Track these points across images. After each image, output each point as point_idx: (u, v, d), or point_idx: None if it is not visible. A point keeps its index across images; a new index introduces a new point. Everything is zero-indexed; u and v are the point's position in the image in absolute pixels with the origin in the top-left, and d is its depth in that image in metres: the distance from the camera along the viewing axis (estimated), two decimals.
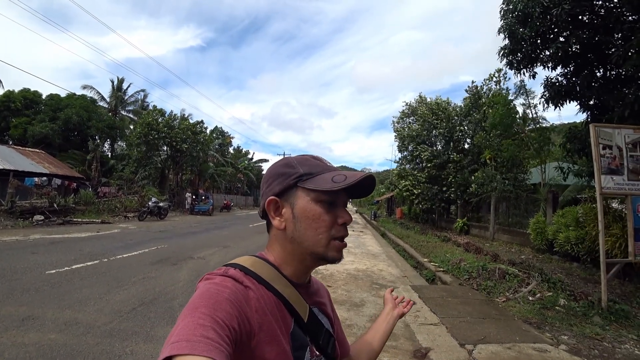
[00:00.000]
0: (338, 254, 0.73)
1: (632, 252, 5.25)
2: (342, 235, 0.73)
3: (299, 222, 0.72)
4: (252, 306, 0.63)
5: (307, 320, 0.73)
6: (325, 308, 0.84)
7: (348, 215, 0.73)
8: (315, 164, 0.76)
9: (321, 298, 0.85)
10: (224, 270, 0.69)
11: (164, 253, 8.59)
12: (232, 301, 0.59)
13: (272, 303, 0.67)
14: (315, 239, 0.71)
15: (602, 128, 5.47)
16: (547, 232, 8.83)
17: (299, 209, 0.72)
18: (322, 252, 0.72)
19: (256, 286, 0.67)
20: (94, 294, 5.05)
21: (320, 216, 0.71)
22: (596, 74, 8.68)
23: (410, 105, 20.11)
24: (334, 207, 0.73)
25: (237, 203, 37.63)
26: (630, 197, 5.30)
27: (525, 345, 3.70)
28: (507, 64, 9.29)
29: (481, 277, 6.69)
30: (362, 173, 0.72)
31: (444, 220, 19.14)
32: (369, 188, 0.77)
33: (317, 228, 0.71)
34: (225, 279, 0.65)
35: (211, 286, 0.62)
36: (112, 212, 17.84)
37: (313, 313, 0.76)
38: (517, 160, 12.51)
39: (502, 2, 8.63)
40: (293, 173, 0.74)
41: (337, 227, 0.72)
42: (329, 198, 0.72)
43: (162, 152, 26.07)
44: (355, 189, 0.73)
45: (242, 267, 0.71)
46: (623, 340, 4.29)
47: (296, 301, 0.72)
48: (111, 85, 32.10)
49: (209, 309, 0.55)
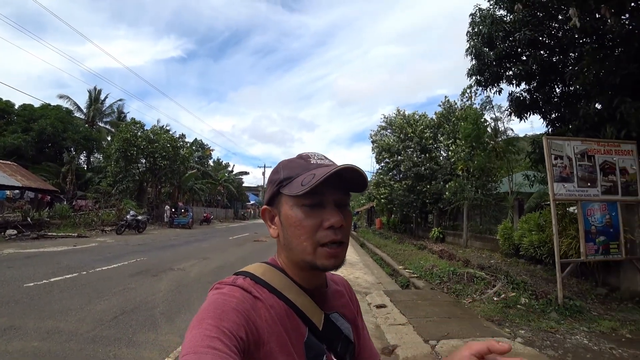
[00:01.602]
0: (328, 261, 0.66)
1: (583, 252, 5.75)
2: (331, 240, 0.66)
3: (285, 229, 0.70)
4: (262, 316, 0.62)
5: (322, 327, 0.70)
6: (346, 311, 0.79)
7: (336, 216, 0.66)
8: (297, 165, 0.70)
9: (340, 301, 0.80)
10: (233, 279, 0.68)
11: (144, 265, 8.62)
12: (239, 311, 0.59)
13: (283, 312, 0.65)
14: (300, 247, 0.67)
15: (553, 140, 6.02)
16: (514, 237, 9.39)
17: (283, 216, 0.70)
18: (310, 260, 0.67)
19: (266, 295, 0.66)
20: (75, 305, 5.12)
21: (300, 222, 0.66)
22: (555, 90, 9.42)
23: (388, 117, 20.91)
24: (320, 209, 0.67)
25: (217, 216, 37.32)
26: (580, 203, 5.84)
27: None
28: (476, 83, 9.94)
29: (451, 281, 7.09)
30: (331, 168, 0.64)
31: (421, 230, 19.74)
32: (358, 180, 0.69)
33: (300, 235, 0.67)
34: (234, 289, 0.64)
35: (218, 296, 0.62)
36: (88, 226, 17.51)
37: (330, 319, 0.73)
38: (487, 170, 13.22)
39: (469, 26, 9.27)
40: (277, 179, 0.71)
41: (322, 231, 0.66)
42: (311, 201, 0.66)
43: (140, 165, 25.77)
44: (345, 183, 0.68)
45: (253, 275, 0.70)
46: (575, 332, 4.72)
47: (309, 309, 0.69)
48: (88, 95, 31.61)
49: (215, 320, 0.56)
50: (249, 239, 17.65)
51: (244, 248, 13.59)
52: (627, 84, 6.81)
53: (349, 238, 0.71)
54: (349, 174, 0.67)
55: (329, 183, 0.64)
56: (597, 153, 6.01)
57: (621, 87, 6.91)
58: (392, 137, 19.39)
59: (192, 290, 6.44)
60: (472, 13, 9.33)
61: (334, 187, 0.67)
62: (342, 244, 0.68)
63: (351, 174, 0.67)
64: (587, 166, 5.93)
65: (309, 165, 0.69)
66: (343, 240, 0.68)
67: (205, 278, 7.50)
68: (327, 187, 0.65)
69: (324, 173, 0.63)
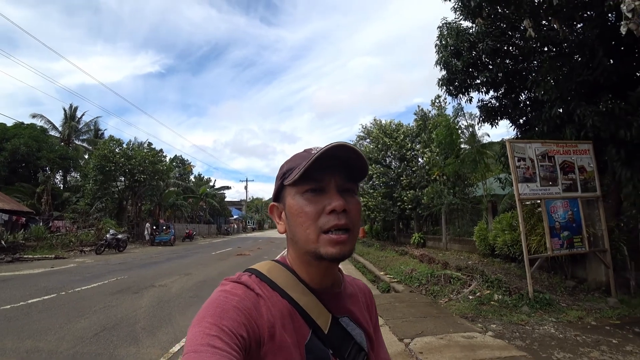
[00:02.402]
0: (333, 249, 0.63)
1: (550, 247, 6.08)
2: (334, 225, 0.63)
3: (289, 220, 0.69)
4: (263, 314, 0.61)
5: (327, 331, 0.67)
6: (359, 318, 0.75)
7: (338, 200, 0.64)
8: (298, 157, 0.70)
9: (355, 305, 0.77)
10: (238, 276, 0.68)
11: (125, 283, 8.52)
12: (240, 309, 0.58)
13: (286, 311, 0.64)
14: (304, 236, 0.65)
15: (516, 143, 6.40)
16: (489, 238, 9.75)
17: (287, 207, 0.69)
18: (314, 250, 0.64)
19: (270, 293, 0.65)
20: (54, 325, 5.08)
21: (302, 208, 0.65)
22: (521, 96, 9.95)
23: (366, 127, 21.42)
24: (321, 194, 0.66)
25: (200, 232, 36.79)
26: (543, 201, 6.20)
27: (456, 335, 4.26)
28: (446, 92, 10.38)
29: (430, 283, 7.32)
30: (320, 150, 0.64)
31: (403, 236, 20.11)
32: (357, 163, 0.67)
33: (302, 223, 0.65)
34: (237, 286, 0.64)
35: (220, 294, 0.62)
36: (66, 247, 17.04)
37: (339, 323, 0.70)
38: (462, 175, 13.69)
39: (437, 38, 9.73)
40: (280, 174, 0.71)
41: (325, 217, 0.64)
42: (311, 186, 0.65)
43: (119, 182, 25.31)
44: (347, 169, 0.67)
45: (258, 272, 0.69)
46: (543, 323, 4.99)
47: (314, 310, 0.67)
48: (63, 113, 30.98)
49: (215, 318, 0.55)
50: (231, 253, 17.55)
51: (227, 262, 13.52)
52: (583, 89, 7.31)
53: (357, 225, 0.67)
54: (346, 156, 0.65)
55: (328, 167, 0.65)
56: (556, 153, 6.41)
57: (578, 92, 7.41)
58: (371, 146, 19.83)
59: (173, 305, 6.44)
60: (440, 26, 9.80)
61: (334, 171, 0.66)
62: (347, 230, 0.64)
63: (346, 154, 0.65)
64: (548, 166, 6.31)
65: (309, 155, 0.66)
66: (348, 226, 0.64)
67: (186, 293, 7.49)
68: (326, 172, 0.65)
69: (315, 154, 0.63)
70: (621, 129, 6.12)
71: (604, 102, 6.45)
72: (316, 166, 0.63)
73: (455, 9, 9.06)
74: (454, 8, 9.05)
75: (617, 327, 4.74)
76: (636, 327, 4.72)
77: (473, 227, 11.75)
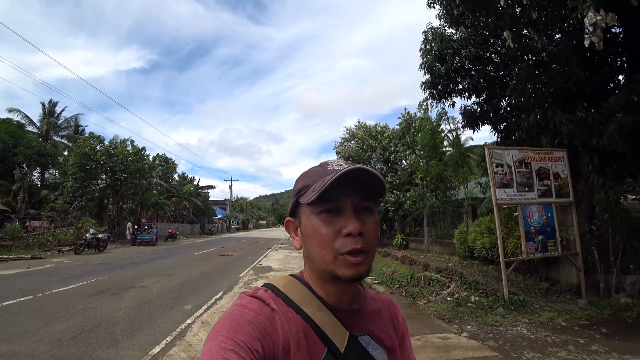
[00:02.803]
0: (349, 271, 0.62)
1: (525, 250, 6.31)
2: (351, 250, 0.62)
3: (305, 240, 0.68)
4: (278, 329, 0.61)
5: (344, 349, 0.64)
6: (381, 336, 0.72)
7: (354, 223, 0.63)
8: (314, 173, 0.69)
9: (376, 323, 0.73)
10: (254, 290, 0.68)
11: (104, 284, 8.39)
12: (254, 323, 0.58)
13: (300, 328, 0.63)
14: (320, 256, 0.65)
15: (494, 150, 6.61)
16: (468, 241, 10.00)
17: (302, 226, 0.68)
18: (331, 270, 0.64)
19: (285, 309, 0.64)
20: (31, 327, 4.98)
21: (318, 230, 0.64)
22: (501, 102, 10.23)
23: (350, 130, 21.58)
24: (337, 215, 0.64)
25: (183, 231, 36.31)
26: (520, 206, 6.42)
27: (433, 336, 4.40)
28: (429, 96, 10.58)
29: (410, 284, 7.47)
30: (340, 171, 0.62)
31: (386, 237, 20.36)
32: (374, 182, 0.66)
33: (318, 244, 0.64)
34: (253, 301, 0.64)
35: (236, 308, 0.62)
36: (43, 247, 16.58)
37: (357, 342, 0.67)
38: (444, 179, 13.98)
39: (421, 43, 9.92)
40: (296, 190, 0.70)
41: (341, 240, 0.63)
42: (326, 207, 0.64)
43: (100, 180, 24.77)
44: (364, 188, 0.65)
45: (274, 287, 0.68)
46: (517, 324, 5.19)
47: (330, 327, 0.65)
48: (42, 108, 30.08)
49: (230, 332, 0.56)
50: (214, 253, 17.42)
51: (209, 263, 13.43)
52: (558, 98, 7.60)
53: (374, 246, 0.66)
54: (364, 177, 0.64)
55: (345, 188, 0.63)
56: (533, 160, 6.65)
57: (554, 100, 7.69)
58: (356, 147, 20.02)
59: (154, 306, 6.39)
60: (425, 31, 9.99)
61: (351, 191, 0.64)
62: (364, 252, 0.63)
63: (365, 176, 0.64)
64: (525, 172, 6.54)
65: (325, 172, 0.66)
66: (364, 248, 0.63)
67: (168, 294, 7.44)
68: (343, 192, 0.64)
69: (332, 177, 0.62)
70: (594, 138, 6.39)
71: (580, 111, 6.73)
72: (333, 186, 0.61)
73: (440, 17, 9.28)
74: (439, 15, 9.27)
75: (585, 328, 4.96)
76: (603, 328, 4.95)
77: (454, 230, 12.02)
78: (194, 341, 4.60)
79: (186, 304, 6.61)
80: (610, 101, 6.24)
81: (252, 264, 12.98)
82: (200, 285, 8.55)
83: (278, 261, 14.24)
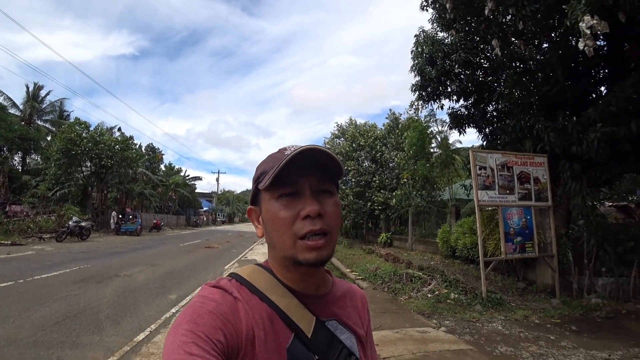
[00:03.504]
0: (310, 255, 0.62)
1: (504, 251, 6.54)
2: (309, 231, 0.62)
3: (266, 226, 0.68)
4: (241, 318, 0.60)
5: (311, 334, 0.65)
6: (348, 320, 0.73)
7: (312, 204, 0.62)
8: (272, 159, 0.68)
9: (343, 308, 0.74)
10: (217, 280, 0.67)
11: (88, 272, 8.33)
12: (215, 314, 0.58)
13: (265, 314, 0.63)
14: (280, 242, 0.64)
15: (478, 153, 6.81)
16: (451, 240, 10.25)
17: (263, 213, 0.68)
18: (292, 255, 0.63)
19: (249, 297, 0.64)
20: (12, 313, 4.96)
21: (277, 214, 0.64)
22: (488, 107, 10.47)
23: (340, 126, 21.76)
24: (296, 199, 0.64)
25: (168, 223, 35.94)
26: (500, 208, 6.64)
27: (412, 329, 4.56)
28: (419, 97, 10.76)
29: (392, 281, 7.65)
30: (290, 154, 0.62)
31: (371, 235, 20.64)
32: (331, 164, 0.66)
33: (278, 229, 0.64)
34: (214, 291, 0.63)
35: (197, 300, 0.61)
36: (24, 233, 16.25)
37: (325, 327, 0.67)
38: (430, 179, 14.25)
39: (413, 45, 10.06)
40: (255, 177, 0.70)
41: (299, 222, 0.62)
42: (283, 191, 0.64)
43: (85, 167, 24.31)
44: (322, 170, 0.66)
45: (239, 276, 0.68)
46: (493, 321, 5.40)
47: (295, 313, 0.65)
48: (26, 90, 29.25)
49: (191, 324, 0.55)
50: (199, 245, 17.36)
51: (194, 254, 13.40)
52: (543, 105, 7.85)
53: (335, 228, 0.66)
54: (320, 158, 0.64)
55: (302, 170, 0.63)
56: (515, 164, 6.87)
57: (538, 107, 7.94)
58: (345, 144, 20.18)
59: (138, 295, 6.41)
60: (417, 34, 10.14)
61: (308, 173, 0.64)
62: (324, 235, 0.63)
63: (321, 156, 0.64)
64: (507, 176, 6.77)
65: (282, 157, 0.63)
66: (325, 230, 0.63)
67: (152, 284, 7.45)
68: (300, 174, 0.63)
69: (284, 159, 0.61)
70: (573, 145, 6.64)
71: (562, 119, 6.98)
72: (289, 169, 0.61)
73: (432, 20, 9.44)
74: (431, 19, 9.43)
75: (557, 325, 5.21)
76: (573, 326, 5.20)
77: (437, 230, 12.28)
78: None
79: (171, 294, 6.64)
80: (590, 111, 6.49)
81: (238, 256, 13.01)
82: (185, 276, 8.56)
83: (264, 254, 14.29)
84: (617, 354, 4.13)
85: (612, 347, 4.34)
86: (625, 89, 5.82)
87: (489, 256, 7.17)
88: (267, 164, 0.67)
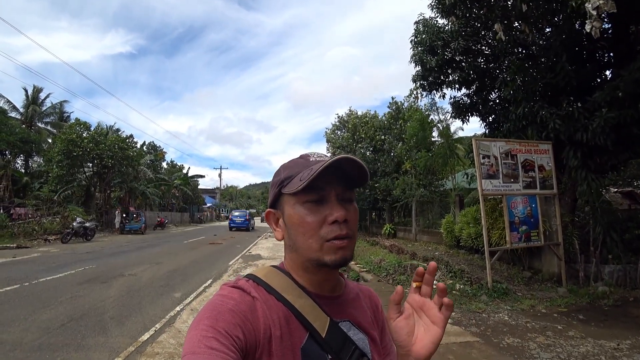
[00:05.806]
0: (336, 255, 0.65)
1: (509, 240, 6.48)
2: (337, 236, 0.65)
3: (289, 229, 0.69)
4: (259, 317, 0.63)
5: (325, 335, 0.66)
6: (361, 322, 0.75)
7: (339, 210, 0.66)
8: (296, 164, 0.71)
9: (357, 310, 0.76)
10: (235, 281, 0.69)
11: (92, 273, 8.35)
12: (235, 311, 0.60)
13: (281, 314, 0.65)
14: (306, 245, 0.67)
15: (481, 141, 6.71)
16: (455, 230, 10.19)
17: (286, 216, 0.70)
18: (317, 258, 0.66)
19: (266, 297, 0.66)
20: (18, 316, 4.96)
21: (303, 219, 0.66)
22: (491, 95, 10.32)
23: (341, 117, 21.61)
24: (322, 204, 0.67)
25: (172, 220, 36.05)
26: (505, 197, 6.56)
27: None
28: (420, 87, 10.62)
29: (397, 272, 7.62)
30: (327, 160, 0.65)
31: (375, 226, 20.61)
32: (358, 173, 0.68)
33: (304, 233, 0.66)
34: (233, 290, 0.66)
35: (216, 298, 0.64)
36: (29, 236, 16.32)
37: (338, 327, 0.69)
38: (432, 169, 14.15)
39: (413, 34, 9.90)
40: (278, 181, 0.71)
41: (327, 227, 0.65)
42: (312, 197, 0.66)
43: (87, 168, 24.34)
44: (346, 178, 0.68)
45: (255, 277, 0.70)
46: (499, 311, 5.35)
47: (310, 313, 0.67)
48: (25, 94, 29.23)
49: (211, 320, 0.58)
50: (204, 242, 17.41)
51: (199, 251, 13.43)
52: (547, 92, 7.71)
53: (356, 232, 0.70)
54: (348, 168, 0.67)
55: (329, 178, 0.66)
56: (519, 152, 6.77)
57: (542, 94, 7.80)
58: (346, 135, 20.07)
59: (143, 294, 6.41)
60: (417, 21, 9.97)
61: (334, 181, 0.67)
62: (348, 238, 0.66)
63: (349, 166, 0.67)
64: (511, 164, 6.67)
65: (308, 163, 0.69)
66: (349, 234, 0.66)
67: (157, 282, 7.45)
68: (327, 182, 0.66)
69: (315, 168, 0.63)
70: (579, 132, 6.52)
71: (566, 105, 6.84)
72: (319, 175, 0.63)
73: (432, 6, 9.26)
74: (431, 5, 9.24)
75: (563, 315, 5.16)
76: (581, 315, 5.15)
77: (441, 220, 12.21)
78: (183, 328, 4.65)
79: (175, 292, 6.64)
80: (595, 96, 6.36)
81: (242, 252, 13.03)
82: (190, 273, 8.57)
83: (267, 249, 14.32)
84: (625, 343, 4.08)
85: (621, 335, 4.29)
86: (633, 72, 5.68)
87: (494, 245, 7.11)
88: (291, 169, 0.70)
